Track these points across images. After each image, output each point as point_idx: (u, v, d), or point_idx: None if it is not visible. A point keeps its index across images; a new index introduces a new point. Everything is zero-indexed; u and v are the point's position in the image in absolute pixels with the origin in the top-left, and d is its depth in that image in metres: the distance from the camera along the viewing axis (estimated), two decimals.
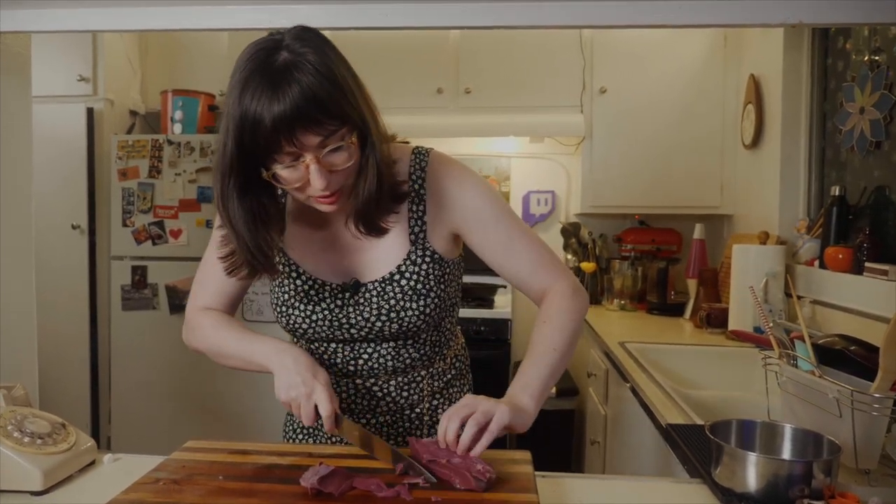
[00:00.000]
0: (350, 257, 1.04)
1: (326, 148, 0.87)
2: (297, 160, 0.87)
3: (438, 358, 1.12)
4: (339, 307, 1.03)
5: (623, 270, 3.01)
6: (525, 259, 1.05)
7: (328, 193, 0.91)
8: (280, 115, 0.82)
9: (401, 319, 1.02)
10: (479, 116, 2.99)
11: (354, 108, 0.88)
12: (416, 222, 1.03)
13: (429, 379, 1.10)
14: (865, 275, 1.73)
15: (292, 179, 0.89)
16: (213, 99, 3.01)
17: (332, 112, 0.85)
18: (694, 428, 1.22)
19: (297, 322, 1.05)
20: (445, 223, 1.04)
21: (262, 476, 0.88)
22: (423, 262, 1.03)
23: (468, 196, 1.04)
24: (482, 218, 1.04)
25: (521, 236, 1.05)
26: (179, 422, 2.80)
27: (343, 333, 1.04)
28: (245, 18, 1.07)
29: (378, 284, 1.02)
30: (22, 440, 0.91)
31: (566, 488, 0.91)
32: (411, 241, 1.03)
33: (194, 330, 1.10)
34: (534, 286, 1.06)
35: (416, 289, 1.02)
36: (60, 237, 2.88)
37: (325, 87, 0.84)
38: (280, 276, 1.05)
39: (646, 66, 2.91)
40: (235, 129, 0.86)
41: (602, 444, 2.31)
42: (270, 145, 0.85)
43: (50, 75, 2.84)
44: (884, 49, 1.83)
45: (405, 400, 1.09)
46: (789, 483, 0.83)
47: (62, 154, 2.87)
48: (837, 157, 2.13)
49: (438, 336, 1.10)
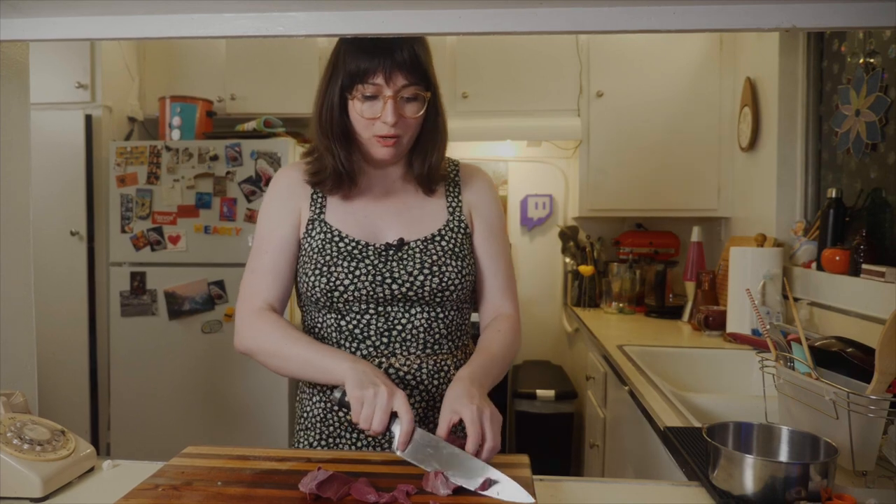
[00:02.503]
0: (391, 220, 1.15)
1: (406, 93, 1.06)
2: (377, 97, 1.05)
3: (460, 345, 1.19)
4: (383, 262, 1.10)
5: (621, 273, 3.01)
6: (502, 277, 1.20)
7: (392, 134, 1.06)
8: (385, 46, 1.03)
9: (442, 274, 1.11)
10: (477, 121, 3.00)
11: (433, 78, 1.10)
12: (452, 199, 1.19)
13: (454, 369, 1.15)
14: (862, 276, 1.74)
15: (367, 111, 1.07)
16: (210, 105, 3.02)
17: (422, 67, 1.06)
18: (692, 431, 1.22)
19: (339, 279, 1.09)
20: (469, 208, 1.20)
21: (261, 482, 0.88)
22: (458, 231, 1.16)
23: (490, 199, 1.23)
24: (491, 223, 1.21)
25: (507, 257, 1.23)
26: (179, 428, 2.80)
27: (384, 290, 1.09)
28: (242, 26, 1.07)
29: (421, 243, 1.13)
30: (21, 447, 0.91)
31: (564, 492, 0.91)
32: (449, 212, 1.18)
33: (250, 332, 1.09)
34: (496, 301, 1.20)
35: (455, 251, 1.14)
36: (59, 244, 2.89)
37: (423, 49, 1.09)
38: (321, 243, 1.12)
39: (642, 70, 2.92)
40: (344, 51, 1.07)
41: (601, 447, 2.31)
42: (367, 71, 1.04)
43: (48, 82, 2.86)
44: (878, 51, 1.84)
45: (436, 388, 1.12)
46: (786, 485, 0.83)
47: (61, 161, 2.88)
48: (834, 160, 2.14)
49: (461, 319, 1.18)
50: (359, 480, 0.84)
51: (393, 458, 0.98)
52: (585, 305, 3.13)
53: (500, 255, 1.21)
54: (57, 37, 1.11)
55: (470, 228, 1.19)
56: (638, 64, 2.92)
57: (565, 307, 3.31)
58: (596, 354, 2.41)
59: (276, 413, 2.75)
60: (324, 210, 1.16)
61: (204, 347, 2.77)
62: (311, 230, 1.14)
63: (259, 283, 1.13)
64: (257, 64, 3.11)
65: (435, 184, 1.18)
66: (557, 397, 2.78)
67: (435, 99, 1.13)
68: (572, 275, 3.21)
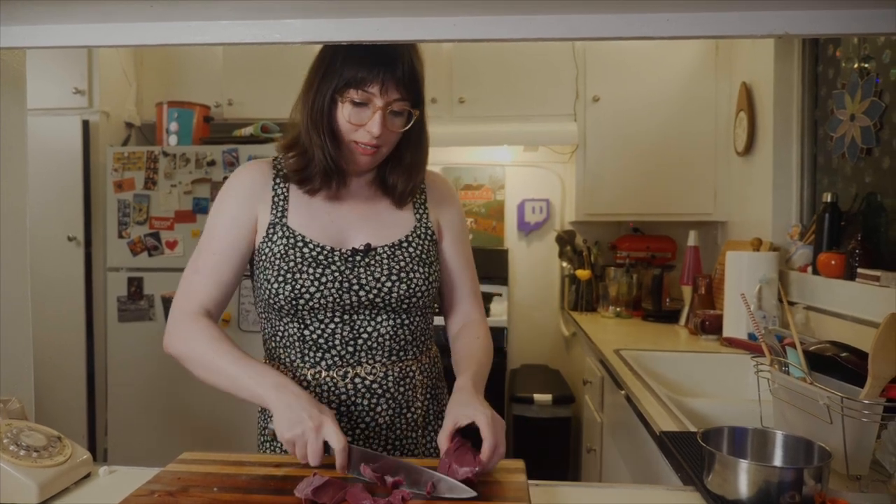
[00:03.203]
0: (357, 226, 1.13)
1: (395, 107, 1.06)
2: (367, 105, 1.04)
3: (424, 350, 1.19)
4: (349, 269, 1.09)
5: (618, 278, 3.02)
6: (470, 283, 1.24)
7: (374, 144, 1.06)
8: (385, 57, 1.03)
9: (409, 280, 1.10)
10: (474, 126, 3.00)
11: (422, 95, 1.10)
12: (419, 206, 1.19)
13: (420, 374, 1.16)
14: (858, 281, 1.75)
15: (354, 117, 1.05)
16: (208, 110, 3.03)
17: (417, 84, 1.07)
18: (687, 435, 1.22)
19: (303, 286, 1.05)
20: (435, 215, 1.21)
21: (257, 487, 0.88)
22: (425, 238, 1.16)
23: (455, 208, 1.25)
24: (457, 231, 1.23)
25: (472, 265, 1.25)
26: (176, 433, 2.79)
27: (351, 297, 1.07)
28: (239, 33, 1.07)
29: (388, 249, 1.12)
30: (18, 453, 0.91)
31: (560, 497, 0.91)
32: (416, 218, 1.18)
33: (182, 335, 1.06)
34: (465, 307, 1.23)
35: (422, 257, 1.13)
36: (56, 249, 2.89)
37: (420, 64, 1.09)
38: (283, 248, 1.08)
39: (638, 75, 2.93)
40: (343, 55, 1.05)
41: (598, 451, 2.31)
42: (363, 80, 1.03)
43: (46, 88, 2.86)
44: (873, 56, 1.85)
45: (402, 396, 1.12)
46: (780, 490, 0.84)
47: (58, 166, 2.88)
48: (829, 164, 2.14)
49: (425, 323, 1.18)
50: (354, 486, 0.85)
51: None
52: (582, 310, 3.14)
53: (468, 262, 1.24)
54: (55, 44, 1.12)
55: (437, 235, 1.19)
56: (634, 69, 2.94)
57: (562, 311, 3.32)
58: (593, 359, 2.41)
59: None
60: (285, 214, 1.11)
61: None
62: (272, 234, 1.10)
63: (199, 284, 1.09)
64: (254, 69, 3.12)
65: (409, 200, 1.18)
66: (555, 401, 2.78)
67: (422, 117, 1.12)
68: (569, 279, 3.21)
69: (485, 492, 0.85)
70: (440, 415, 1.20)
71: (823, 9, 0.99)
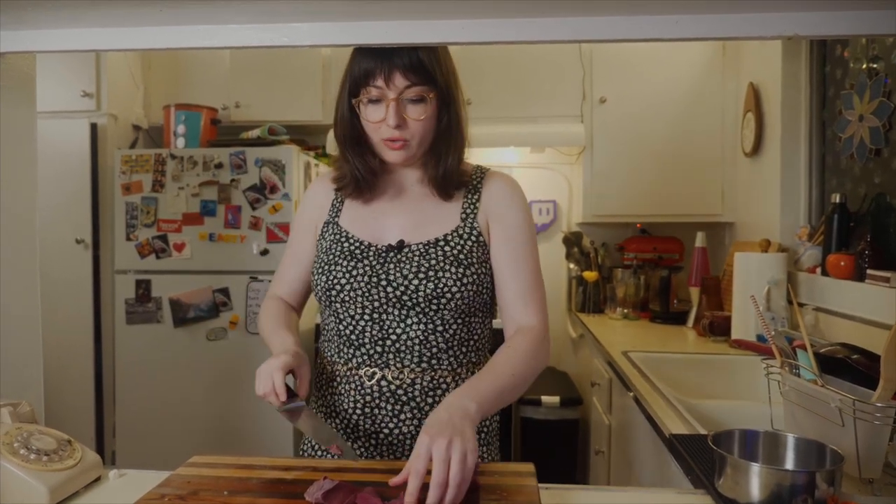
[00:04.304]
0: (398, 222, 1.14)
1: (409, 95, 1.05)
2: (381, 101, 1.05)
3: (465, 364, 1.12)
4: (380, 264, 1.10)
5: (625, 279, 3.01)
6: (520, 283, 1.11)
7: (397, 137, 1.06)
8: (389, 50, 1.03)
9: (437, 279, 1.07)
10: (480, 127, 3.00)
11: (443, 76, 1.08)
12: (468, 205, 1.15)
13: (455, 387, 1.10)
14: (867, 282, 1.74)
15: (373, 115, 1.07)
16: (215, 113, 3.04)
17: (424, 68, 1.05)
18: (697, 438, 1.22)
19: (336, 277, 1.10)
20: (485, 215, 1.15)
21: (267, 491, 0.88)
22: (468, 239, 1.12)
23: (512, 205, 1.15)
24: (511, 231, 1.13)
25: (531, 264, 1.13)
26: (184, 436, 2.80)
27: (379, 292, 1.08)
28: (247, 36, 1.08)
29: (422, 246, 1.10)
30: (28, 457, 0.92)
31: (571, 500, 0.91)
32: (461, 218, 1.13)
33: (262, 311, 1.23)
34: (514, 311, 1.11)
35: (458, 258, 1.09)
36: (64, 252, 2.90)
37: (429, 50, 1.06)
38: (329, 243, 1.16)
39: (645, 76, 2.93)
40: (352, 58, 1.09)
41: (606, 453, 2.30)
42: (368, 73, 1.04)
43: (54, 91, 2.87)
44: (882, 57, 1.84)
45: (430, 408, 1.09)
46: (792, 493, 0.83)
47: (66, 169, 2.90)
48: (837, 165, 2.13)
49: (467, 333, 1.12)
50: (365, 490, 0.85)
51: (399, 466, 0.98)
52: (590, 311, 3.13)
53: (520, 260, 1.12)
54: (64, 48, 1.12)
55: (485, 237, 1.13)
56: (641, 70, 2.93)
57: (570, 313, 3.31)
58: (601, 360, 2.40)
59: (281, 421, 2.74)
60: (339, 213, 1.19)
61: (209, 355, 2.78)
62: (325, 232, 1.18)
63: (277, 279, 1.26)
64: (261, 72, 3.13)
65: (452, 188, 1.14)
66: (562, 403, 2.77)
67: (448, 99, 1.10)
68: (576, 280, 3.21)
69: (495, 497, 0.85)
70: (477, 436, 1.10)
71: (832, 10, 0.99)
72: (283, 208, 2.72)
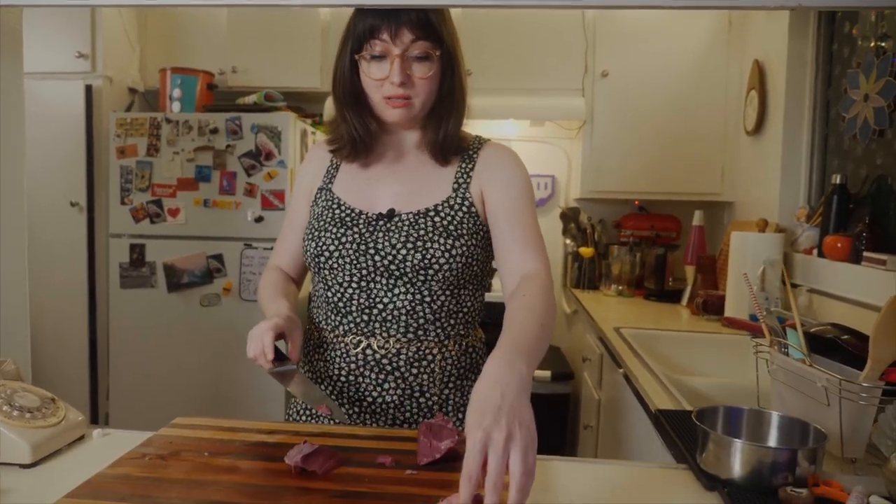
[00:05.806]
0: (391, 189, 1.12)
1: (414, 51, 1.03)
2: (386, 57, 1.03)
3: (452, 336, 1.11)
4: (370, 232, 1.09)
5: (621, 256, 3.00)
6: (521, 231, 1.07)
7: (401, 94, 1.04)
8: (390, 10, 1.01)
9: (426, 249, 1.05)
10: (480, 99, 2.90)
11: (448, 36, 1.07)
12: (462, 175, 1.12)
13: (441, 362, 1.10)
14: (863, 264, 1.73)
15: (375, 72, 1.05)
16: (212, 77, 2.99)
17: (431, 24, 1.03)
18: (683, 414, 1.22)
19: (325, 244, 1.10)
20: (479, 185, 1.11)
21: (248, 453, 0.88)
22: (459, 210, 1.09)
23: (509, 173, 1.12)
24: (506, 189, 1.10)
25: (530, 218, 1.09)
26: (177, 399, 2.81)
27: (367, 261, 1.07)
28: None
29: (412, 216, 1.09)
30: (11, 413, 0.92)
31: (552, 471, 0.91)
32: (453, 188, 1.11)
33: (259, 285, 1.23)
34: (516, 258, 1.05)
35: (448, 229, 1.07)
36: (59, 214, 2.88)
37: (435, 10, 1.04)
38: (321, 210, 1.15)
39: (649, 50, 2.88)
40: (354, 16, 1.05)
41: (595, 428, 2.31)
42: (373, 28, 1.02)
43: (48, 52, 2.83)
44: (890, 35, 1.80)
45: (414, 378, 1.09)
46: (773, 470, 0.83)
47: (61, 131, 2.87)
48: (840, 145, 2.11)
49: (456, 305, 1.10)
50: None
51: (382, 432, 0.98)
52: (585, 287, 3.13)
53: (520, 213, 1.08)
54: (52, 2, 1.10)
55: (477, 207, 1.10)
56: (644, 44, 2.88)
57: (565, 288, 3.31)
58: (593, 336, 2.40)
59: (272, 385, 2.76)
60: (333, 179, 1.17)
61: (202, 320, 2.78)
62: (318, 198, 1.17)
63: (277, 248, 1.26)
64: (259, 37, 3.08)
65: (449, 154, 1.12)
66: (554, 378, 2.79)
67: (452, 62, 1.09)
68: (572, 256, 3.20)
69: None
70: (463, 408, 1.12)
71: None
72: (278, 175, 2.70)
